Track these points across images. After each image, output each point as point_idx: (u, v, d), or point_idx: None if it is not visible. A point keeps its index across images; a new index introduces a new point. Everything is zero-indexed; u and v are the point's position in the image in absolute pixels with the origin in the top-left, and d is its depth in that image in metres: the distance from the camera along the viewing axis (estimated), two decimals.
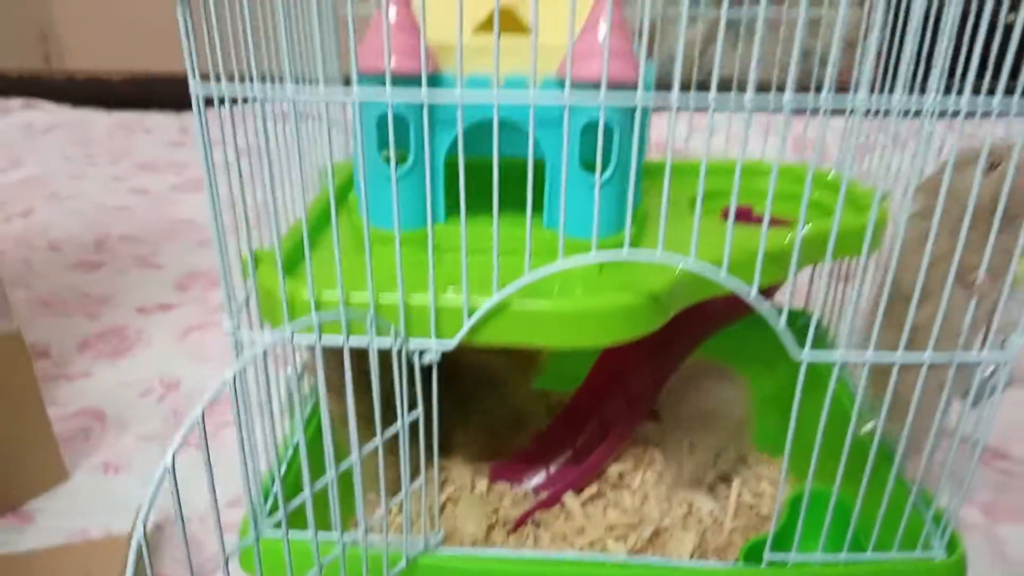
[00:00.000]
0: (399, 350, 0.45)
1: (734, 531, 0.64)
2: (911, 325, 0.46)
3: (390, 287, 0.45)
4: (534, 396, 0.77)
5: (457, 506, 0.66)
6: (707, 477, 0.66)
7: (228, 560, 0.43)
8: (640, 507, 0.66)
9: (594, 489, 0.67)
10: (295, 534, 0.49)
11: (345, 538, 0.49)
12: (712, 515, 0.65)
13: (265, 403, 0.46)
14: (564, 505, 0.66)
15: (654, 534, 0.63)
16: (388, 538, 0.50)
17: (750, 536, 0.63)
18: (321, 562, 0.49)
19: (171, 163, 1.76)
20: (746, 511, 0.65)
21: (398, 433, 0.47)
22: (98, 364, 0.96)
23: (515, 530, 0.64)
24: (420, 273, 0.46)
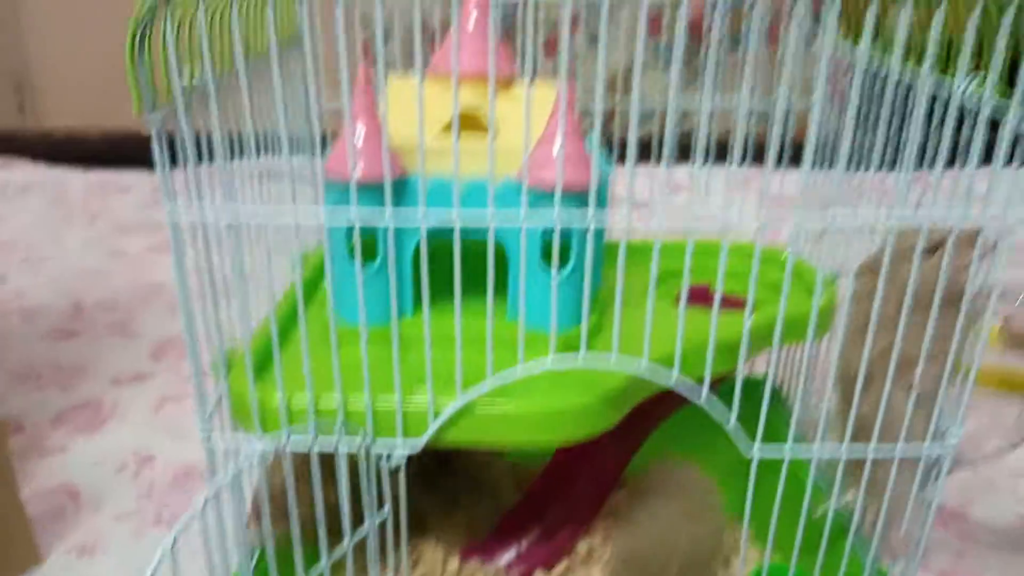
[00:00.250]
0: (366, 452, 0.47)
1: None
2: (858, 413, 0.48)
3: (359, 386, 0.47)
4: (504, 470, 0.78)
5: None
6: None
7: None
8: None
9: (564, 566, 0.68)
10: None
11: None
12: None
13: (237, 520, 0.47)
14: None
15: None
16: None
17: None
18: None
19: (147, 224, 1.77)
20: None
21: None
22: (73, 438, 0.96)
23: None
24: (390, 371, 0.47)
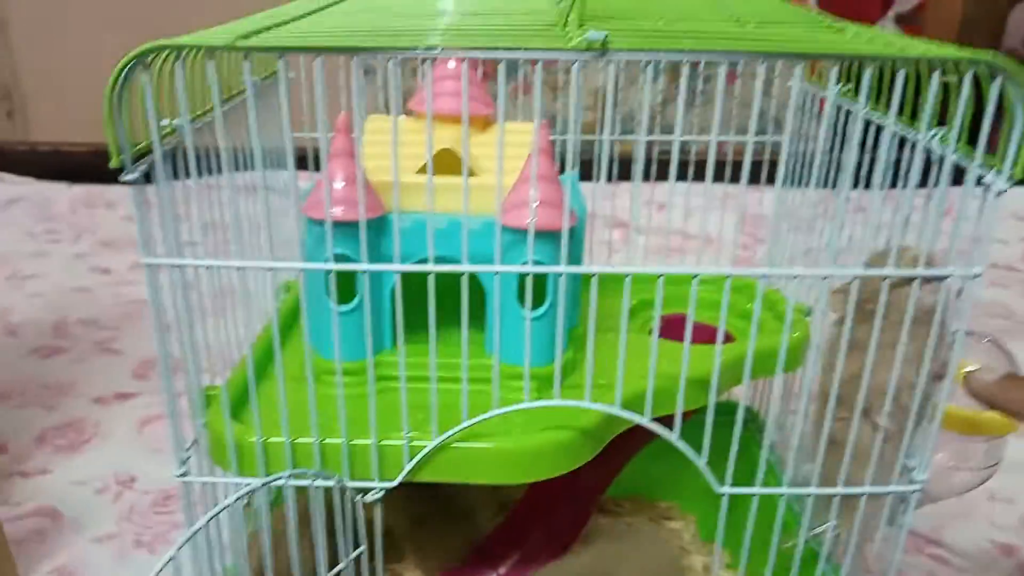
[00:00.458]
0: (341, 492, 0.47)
1: None
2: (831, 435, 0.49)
3: (335, 425, 0.47)
4: (482, 493, 0.79)
5: None
6: None
7: None
8: None
9: None
10: None
11: None
12: None
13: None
14: None
15: None
16: None
17: None
18: None
19: (132, 239, 1.77)
20: None
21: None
22: (55, 459, 0.96)
23: None
24: (366, 408, 0.48)
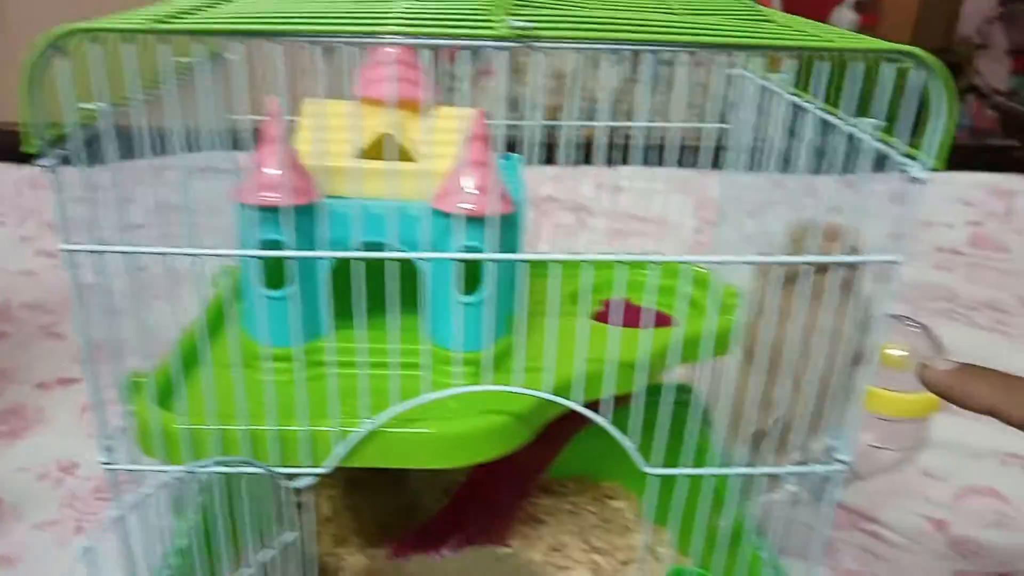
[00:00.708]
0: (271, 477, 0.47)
1: None
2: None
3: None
4: (428, 475, 0.79)
5: None
6: None
7: None
8: None
9: None
10: None
11: None
12: None
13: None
14: None
15: None
16: None
17: None
18: None
19: (78, 222, 1.74)
20: None
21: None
22: None
23: None
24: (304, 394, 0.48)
